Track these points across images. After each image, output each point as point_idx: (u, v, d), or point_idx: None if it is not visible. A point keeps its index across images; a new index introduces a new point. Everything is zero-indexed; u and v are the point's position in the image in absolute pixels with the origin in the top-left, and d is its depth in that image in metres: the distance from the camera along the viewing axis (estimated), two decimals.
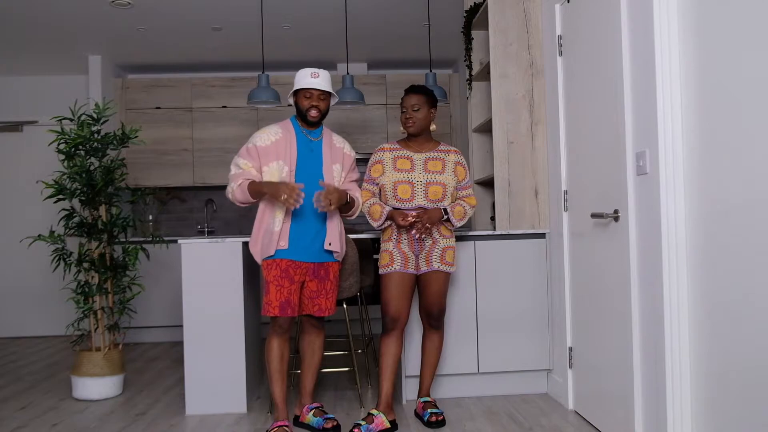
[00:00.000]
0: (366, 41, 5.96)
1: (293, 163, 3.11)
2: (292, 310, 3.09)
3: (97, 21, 5.20)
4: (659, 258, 2.52)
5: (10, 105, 6.70)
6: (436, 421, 3.21)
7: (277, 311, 3.06)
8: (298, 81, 3.15)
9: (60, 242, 3.95)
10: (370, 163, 3.29)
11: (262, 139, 3.12)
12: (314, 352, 3.31)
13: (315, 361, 3.32)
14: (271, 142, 3.12)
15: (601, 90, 2.99)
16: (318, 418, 3.20)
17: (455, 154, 3.29)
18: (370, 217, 3.23)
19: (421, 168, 3.20)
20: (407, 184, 3.16)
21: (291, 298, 3.08)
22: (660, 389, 2.54)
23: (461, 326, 3.70)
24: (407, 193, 3.16)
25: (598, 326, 3.11)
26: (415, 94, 3.20)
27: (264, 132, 3.15)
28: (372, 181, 3.26)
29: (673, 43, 2.46)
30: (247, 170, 3.11)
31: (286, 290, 3.07)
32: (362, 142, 6.50)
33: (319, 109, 3.15)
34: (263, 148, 3.10)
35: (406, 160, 3.23)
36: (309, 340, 3.31)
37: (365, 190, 3.27)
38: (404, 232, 3.19)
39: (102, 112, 3.99)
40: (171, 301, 6.03)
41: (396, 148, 3.28)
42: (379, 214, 3.18)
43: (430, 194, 3.15)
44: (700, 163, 2.35)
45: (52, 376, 4.64)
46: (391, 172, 3.20)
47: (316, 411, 3.27)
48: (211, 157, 6.44)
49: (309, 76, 3.12)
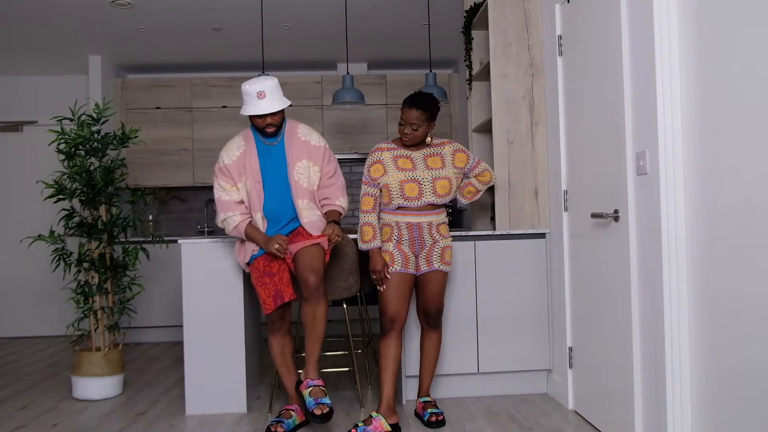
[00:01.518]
0: (366, 41, 5.96)
1: (257, 174, 3.18)
2: (288, 295, 3.14)
3: (97, 21, 5.20)
4: (659, 258, 2.52)
5: (10, 105, 6.70)
6: (436, 421, 3.21)
7: (272, 306, 3.15)
8: (246, 103, 3.10)
9: (60, 242, 3.95)
10: (369, 164, 3.26)
11: (228, 156, 3.21)
12: (315, 321, 3.09)
13: (317, 331, 3.10)
14: (236, 157, 3.19)
15: (601, 90, 2.99)
16: (311, 399, 3.01)
17: (449, 145, 3.30)
18: (360, 233, 3.23)
19: (423, 165, 3.21)
20: (414, 183, 3.17)
21: (278, 287, 3.14)
22: (660, 389, 2.54)
23: (461, 326, 3.70)
24: (414, 192, 3.16)
25: (598, 326, 3.11)
26: (417, 110, 3.12)
27: (229, 148, 3.21)
28: (372, 182, 3.24)
29: (673, 43, 2.46)
30: (230, 190, 3.19)
31: (270, 285, 3.15)
32: (362, 142, 6.50)
33: (275, 124, 3.15)
34: (231, 165, 3.19)
35: (406, 159, 3.23)
36: (307, 311, 3.10)
37: (367, 196, 3.24)
38: (405, 232, 3.19)
39: (102, 112, 3.99)
40: (171, 301, 6.03)
41: (393, 147, 3.27)
42: (369, 238, 3.19)
43: (438, 189, 3.18)
44: (700, 163, 2.35)
45: (52, 376, 4.64)
46: (394, 171, 3.19)
47: (314, 390, 3.05)
48: (211, 157, 6.43)
49: (255, 98, 3.05)
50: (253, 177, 3.17)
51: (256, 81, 3.08)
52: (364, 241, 3.21)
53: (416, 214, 3.19)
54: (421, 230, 3.19)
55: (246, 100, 3.09)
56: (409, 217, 3.19)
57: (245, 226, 3.18)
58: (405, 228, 3.19)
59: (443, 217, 3.27)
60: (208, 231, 6.72)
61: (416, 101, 3.14)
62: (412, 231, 3.19)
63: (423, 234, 3.20)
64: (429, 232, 3.20)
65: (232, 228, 3.20)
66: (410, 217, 3.18)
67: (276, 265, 3.18)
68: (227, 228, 3.22)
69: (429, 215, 3.20)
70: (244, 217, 3.20)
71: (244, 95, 3.10)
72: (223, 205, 3.20)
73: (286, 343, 3.28)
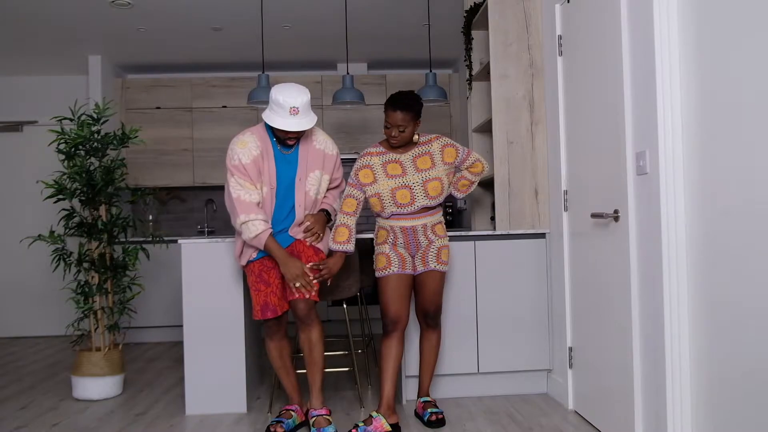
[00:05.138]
0: (366, 41, 5.96)
1: (273, 180, 3.08)
2: (272, 312, 3.11)
3: (97, 21, 5.20)
4: (659, 258, 2.52)
5: (10, 105, 6.70)
6: (436, 420, 3.21)
7: (259, 315, 3.12)
8: (273, 112, 2.93)
9: (60, 242, 3.95)
10: (357, 167, 3.18)
11: (246, 155, 3.01)
12: (311, 347, 3.15)
13: (315, 356, 3.16)
14: (253, 158, 3.03)
15: (601, 90, 2.99)
16: (314, 429, 3.07)
17: (437, 141, 3.21)
18: (335, 232, 3.15)
19: (413, 169, 3.15)
20: (405, 189, 3.12)
21: (268, 300, 3.11)
22: (660, 389, 2.54)
23: (461, 326, 3.70)
24: (407, 198, 3.12)
25: (598, 326, 3.11)
26: (402, 112, 3.05)
27: (246, 146, 3.03)
28: (359, 186, 3.16)
29: (673, 43, 2.46)
30: (250, 189, 3.01)
31: (262, 294, 3.12)
32: (362, 142, 6.50)
33: (298, 138, 3.06)
34: (249, 165, 3.02)
35: (396, 164, 3.16)
36: (303, 337, 3.18)
37: (350, 197, 3.16)
38: (401, 235, 3.18)
39: (102, 112, 3.99)
40: (171, 301, 6.03)
41: (382, 151, 3.20)
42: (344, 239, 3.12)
43: (430, 191, 3.13)
44: (700, 163, 2.35)
45: (52, 376, 4.64)
46: (384, 179, 3.13)
47: (317, 420, 3.10)
48: (211, 157, 6.44)
49: (287, 112, 2.91)
50: (269, 183, 3.06)
51: (291, 94, 2.91)
52: (337, 241, 3.13)
53: (410, 218, 3.16)
54: (416, 233, 3.18)
55: (274, 109, 2.93)
56: (404, 221, 3.16)
57: (267, 238, 3.01)
58: (400, 231, 3.18)
59: (438, 217, 3.24)
60: (208, 231, 6.72)
61: (399, 102, 3.06)
62: (407, 234, 3.18)
63: (418, 236, 3.19)
64: (424, 233, 3.19)
65: (253, 235, 2.99)
66: (404, 222, 3.16)
67: (274, 273, 3.13)
68: (246, 234, 3.00)
69: (424, 218, 3.17)
70: (267, 226, 3.02)
71: (273, 103, 2.93)
72: (245, 206, 2.99)
73: (284, 346, 3.27)
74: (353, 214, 3.17)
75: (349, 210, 3.16)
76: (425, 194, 3.13)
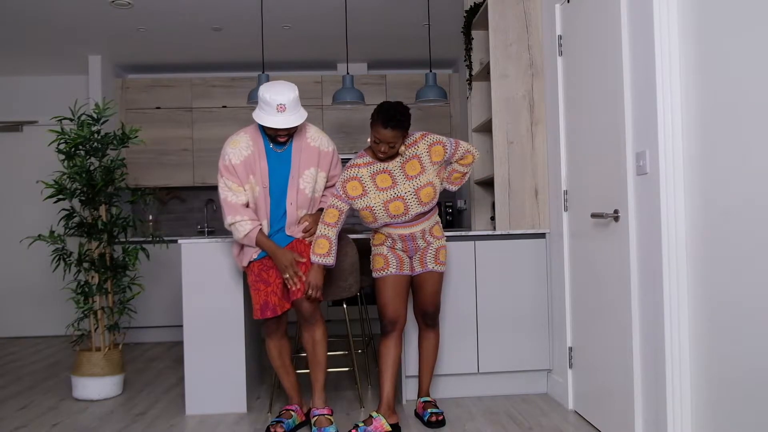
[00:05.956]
0: (366, 41, 5.96)
1: (266, 179, 3.08)
2: (272, 311, 3.13)
3: (97, 21, 5.20)
4: (659, 258, 2.52)
5: (10, 105, 6.70)
6: (436, 420, 3.21)
7: (258, 314, 3.14)
8: (262, 110, 2.94)
9: (60, 242, 3.95)
10: (345, 179, 3.08)
11: (236, 155, 3.03)
12: (314, 346, 3.18)
13: (318, 356, 3.19)
14: (244, 157, 3.04)
15: (601, 90, 2.99)
16: (315, 429, 3.09)
17: (422, 141, 3.08)
18: (314, 244, 3.06)
19: (403, 177, 3.05)
20: (398, 201, 3.04)
21: (268, 299, 3.12)
22: (660, 389, 2.54)
23: (461, 326, 3.70)
24: (400, 209, 3.05)
25: (598, 326, 3.11)
26: (393, 130, 2.92)
27: (237, 146, 3.05)
28: (345, 199, 3.07)
29: (673, 43, 2.46)
30: (237, 191, 3.06)
31: (262, 293, 3.13)
32: (362, 142, 6.50)
33: (288, 134, 3.04)
34: (239, 165, 3.04)
35: (385, 174, 3.06)
36: (307, 336, 3.20)
37: (333, 208, 3.06)
38: (398, 240, 3.16)
39: (102, 112, 3.99)
40: (171, 301, 6.03)
41: (369, 162, 3.09)
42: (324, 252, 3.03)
43: (423, 198, 3.05)
44: (700, 163, 2.35)
45: (52, 376, 4.64)
46: (374, 192, 3.04)
47: (319, 419, 3.13)
48: (211, 157, 6.44)
49: (274, 109, 2.90)
50: (261, 182, 3.07)
51: (277, 91, 2.92)
52: (316, 253, 3.04)
53: (407, 226, 3.12)
54: (414, 238, 3.16)
55: (263, 107, 2.94)
56: (401, 229, 3.12)
57: (257, 234, 3.07)
58: (398, 237, 3.15)
59: (434, 219, 3.21)
60: (208, 231, 6.72)
61: (391, 120, 2.91)
62: (406, 240, 3.16)
63: (416, 240, 3.17)
64: (422, 237, 3.17)
65: (242, 236, 3.05)
66: (401, 230, 3.12)
67: (273, 273, 3.14)
68: (236, 234, 3.08)
69: (421, 224, 3.13)
70: (255, 224, 3.06)
71: (261, 101, 2.94)
72: (231, 207, 3.06)
73: (283, 345, 3.28)
74: (335, 225, 3.07)
75: (330, 221, 3.06)
76: (418, 202, 3.06)
